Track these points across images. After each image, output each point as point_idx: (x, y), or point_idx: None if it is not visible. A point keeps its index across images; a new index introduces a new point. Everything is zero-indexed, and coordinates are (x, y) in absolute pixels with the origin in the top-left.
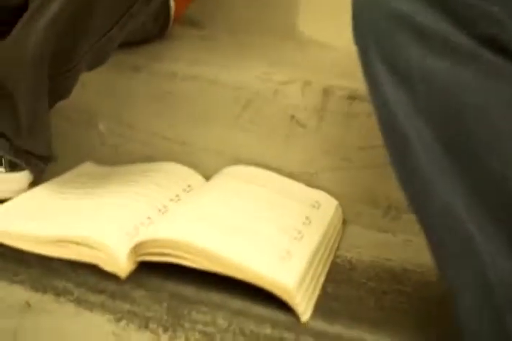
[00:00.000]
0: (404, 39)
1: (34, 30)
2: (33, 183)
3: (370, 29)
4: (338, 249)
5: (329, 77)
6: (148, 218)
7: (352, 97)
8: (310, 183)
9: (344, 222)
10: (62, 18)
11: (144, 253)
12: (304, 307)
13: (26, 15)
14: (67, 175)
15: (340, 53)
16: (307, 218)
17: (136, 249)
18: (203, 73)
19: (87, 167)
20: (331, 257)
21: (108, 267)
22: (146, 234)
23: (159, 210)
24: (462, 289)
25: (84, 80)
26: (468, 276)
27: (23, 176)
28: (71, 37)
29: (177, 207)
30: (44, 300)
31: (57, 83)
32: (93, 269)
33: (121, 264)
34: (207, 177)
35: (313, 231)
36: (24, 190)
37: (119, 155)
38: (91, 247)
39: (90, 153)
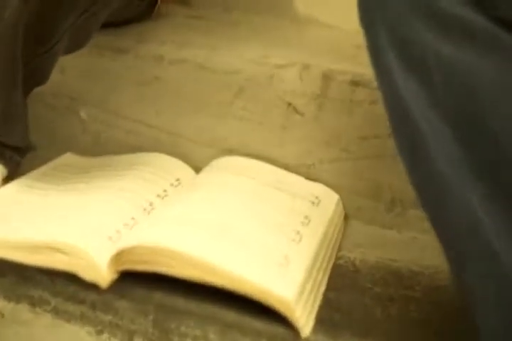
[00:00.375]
0: (419, 22)
1: (5, 8)
2: (8, 178)
3: (379, 10)
4: (339, 248)
5: (330, 61)
6: (133, 219)
7: (355, 83)
8: (308, 176)
9: (345, 217)
10: None
11: (127, 260)
12: (305, 320)
13: None
14: (45, 168)
15: (343, 34)
16: (306, 217)
17: (119, 256)
18: (193, 56)
19: (68, 158)
20: (333, 259)
21: (87, 276)
22: (128, 239)
23: (144, 209)
24: (480, 290)
25: (64, 63)
26: (487, 277)
27: None
28: (48, 14)
29: (163, 205)
30: (18, 310)
31: (34, 67)
32: (72, 277)
33: (101, 273)
34: (197, 169)
35: (313, 232)
36: None
37: (101, 144)
38: (68, 254)
39: (71, 142)
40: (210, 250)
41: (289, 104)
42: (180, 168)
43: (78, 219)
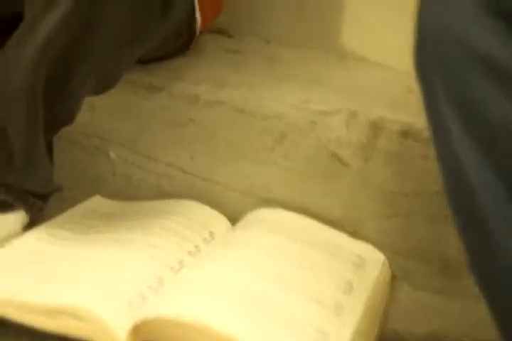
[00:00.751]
0: (483, 82)
1: (25, 53)
2: (32, 223)
3: (438, 64)
4: (384, 315)
5: (379, 107)
6: (159, 279)
7: (405, 134)
8: (352, 232)
9: (391, 280)
10: (58, 38)
11: (148, 332)
12: None
13: (17, 34)
14: (71, 213)
15: (394, 75)
16: (348, 283)
17: (138, 327)
18: (230, 98)
19: (96, 202)
20: (377, 329)
21: None
22: (150, 309)
23: (172, 268)
24: None
25: (93, 101)
26: None
27: (15, 217)
28: (69, 59)
29: (193, 266)
30: None
31: (56, 111)
32: None
33: None
34: (233, 219)
35: (356, 301)
36: (17, 234)
37: (132, 187)
38: (82, 319)
39: (100, 184)
40: (238, 325)
41: (334, 154)
42: (214, 219)
43: (97, 278)
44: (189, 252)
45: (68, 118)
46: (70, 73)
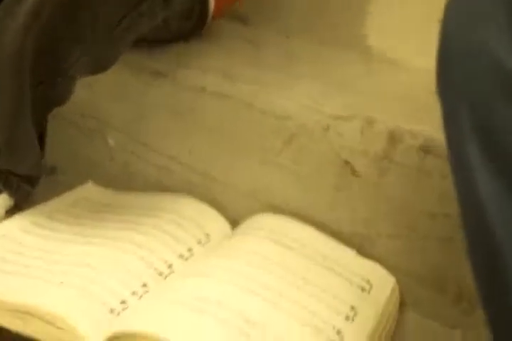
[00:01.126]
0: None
1: (11, 25)
2: (17, 208)
3: (464, 87)
4: None
5: (400, 116)
6: (144, 286)
7: (426, 149)
8: (361, 248)
9: (400, 305)
10: (46, 11)
11: None
12: None
13: (2, 6)
14: (60, 201)
15: (419, 76)
16: (352, 308)
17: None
18: (239, 92)
19: (87, 190)
20: None
21: None
22: (129, 321)
23: (160, 274)
24: None
25: (91, 79)
26: None
27: None
28: (59, 36)
29: (182, 272)
30: None
31: (46, 90)
32: None
33: None
34: (232, 221)
35: (359, 330)
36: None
37: (129, 174)
38: (53, 325)
39: (96, 168)
40: None
41: (346, 163)
42: (212, 220)
43: (78, 280)
44: (180, 255)
45: (60, 98)
46: (60, 47)
